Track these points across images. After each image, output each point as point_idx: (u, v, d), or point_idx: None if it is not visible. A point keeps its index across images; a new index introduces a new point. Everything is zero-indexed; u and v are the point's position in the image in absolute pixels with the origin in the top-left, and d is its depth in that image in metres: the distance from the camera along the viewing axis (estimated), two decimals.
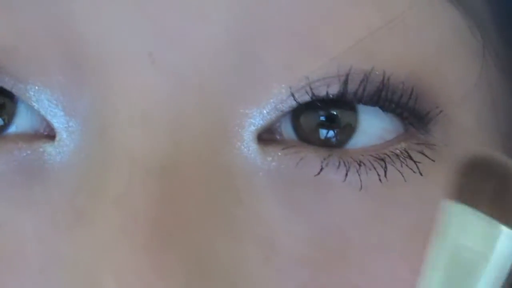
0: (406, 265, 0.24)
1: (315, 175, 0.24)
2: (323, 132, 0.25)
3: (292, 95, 0.24)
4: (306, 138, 0.25)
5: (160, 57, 0.23)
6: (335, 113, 0.25)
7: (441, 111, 0.25)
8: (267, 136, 0.24)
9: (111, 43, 0.23)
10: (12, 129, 0.25)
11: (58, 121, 0.24)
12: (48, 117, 0.24)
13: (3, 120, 0.25)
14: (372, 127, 0.25)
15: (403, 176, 0.24)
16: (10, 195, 0.24)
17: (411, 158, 0.25)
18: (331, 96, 0.24)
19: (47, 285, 0.23)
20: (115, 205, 0.22)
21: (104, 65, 0.23)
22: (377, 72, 0.24)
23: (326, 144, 0.25)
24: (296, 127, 0.25)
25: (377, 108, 0.25)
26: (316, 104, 0.24)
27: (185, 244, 0.22)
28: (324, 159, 0.24)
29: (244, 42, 0.23)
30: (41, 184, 0.24)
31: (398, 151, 0.24)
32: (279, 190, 0.24)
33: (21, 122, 0.25)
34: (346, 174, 0.24)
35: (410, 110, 0.25)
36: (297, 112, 0.24)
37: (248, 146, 0.24)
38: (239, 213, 0.23)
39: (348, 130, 0.25)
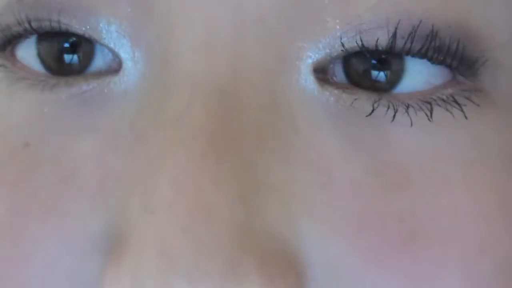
0: (466, 196, 0.25)
1: (366, 116, 0.25)
2: (374, 74, 0.26)
3: (342, 44, 0.25)
4: (357, 81, 0.26)
5: None
6: (385, 57, 0.26)
7: (488, 58, 0.26)
8: (321, 76, 0.25)
9: None
10: (89, 69, 0.27)
11: (124, 51, 0.26)
12: (116, 48, 0.26)
13: (79, 58, 0.27)
14: (420, 73, 0.26)
15: (453, 116, 0.25)
16: (73, 123, 0.26)
17: (457, 102, 0.26)
18: (380, 48, 0.25)
19: (104, 200, 0.25)
20: (175, 123, 0.24)
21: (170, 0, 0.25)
22: (425, 25, 0.25)
23: (375, 86, 0.26)
24: (347, 71, 0.26)
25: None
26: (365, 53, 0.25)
27: (241, 159, 0.24)
28: (375, 101, 0.25)
29: None
30: (104, 111, 0.26)
31: (444, 97, 0.25)
32: (336, 123, 0.25)
33: (97, 63, 0.27)
34: (394, 116, 0.25)
35: (458, 60, 0.26)
36: (348, 56, 0.26)
37: (306, 78, 0.25)
38: (295, 140, 0.24)
39: (396, 75, 0.26)
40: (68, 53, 0.27)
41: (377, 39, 0.25)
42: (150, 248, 0.23)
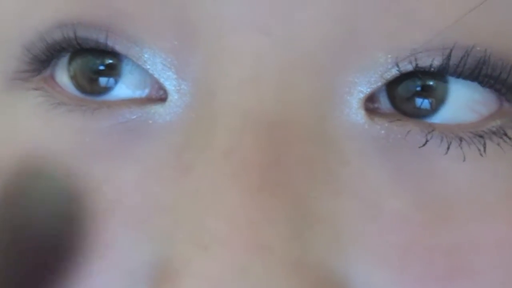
0: (510, 228, 0.25)
1: (420, 147, 0.25)
2: (417, 100, 0.26)
3: (397, 64, 0.25)
4: (401, 106, 0.26)
5: (273, 27, 0.24)
6: (431, 83, 0.26)
7: None
8: (369, 105, 0.25)
9: (226, 12, 0.24)
10: (120, 91, 0.27)
11: (170, 83, 0.25)
12: (161, 80, 0.26)
13: (113, 80, 0.26)
14: (464, 98, 0.26)
15: (501, 149, 0.26)
16: (116, 153, 0.26)
17: (506, 135, 0.26)
18: (432, 69, 0.25)
19: (149, 233, 0.24)
20: (225, 157, 0.24)
21: (218, 31, 0.24)
22: (478, 48, 0.25)
23: (419, 112, 0.26)
24: (392, 97, 0.26)
25: (469, 81, 0.26)
26: (416, 74, 0.25)
27: (291, 194, 0.24)
28: (428, 132, 0.25)
29: (350, 17, 0.24)
30: (148, 142, 0.26)
31: (494, 129, 0.26)
32: (386, 156, 0.25)
33: (128, 84, 0.26)
34: (448, 148, 0.25)
35: (508, 86, 0.26)
36: (392, 82, 0.26)
37: (356, 112, 0.25)
38: (345, 172, 0.25)
39: (440, 99, 0.26)
40: (101, 74, 0.27)
41: (432, 58, 0.25)
42: (206, 286, 0.23)
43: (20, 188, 0.26)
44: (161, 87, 0.26)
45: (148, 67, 0.26)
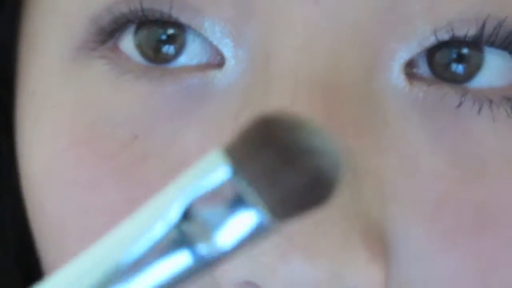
0: None
1: (455, 107, 0.27)
2: (454, 67, 0.28)
3: (435, 33, 0.27)
4: (439, 73, 0.28)
5: None
6: (466, 51, 0.28)
7: None
8: (408, 70, 0.28)
9: None
10: (182, 59, 0.29)
11: (228, 50, 0.28)
12: (220, 47, 0.28)
13: (175, 48, 0.29)
14: (497, 67, 0.28)
15: None
16: (179, 116, 0.28)
17: None
18: (467, 38, 0.27)
19: None
20: None
21: (272, 3, 0.27)
22: (509, 20, 0.27)
23: (456, 77, 0.28)
24: (431, 63, 0.28)
25: (501, 50, 0.28)
26: (453, 43, 0.28)
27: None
28: (463, 95, 0.27)
29: None
30: (208, 105, 0.28)
31: None
32: (424, 116, 0.27)
33: (189, 52, 0.29)
34: (480, 109, 0.27)
35: None
36: (431, 50, 0.28)
37: (398, 76, 0.27)
38: (387, 131, 0.27)
39: (475, 68, 0.28)
40: (165, 43, 0.29)
41: (467, 29, 0.27)
42: None
43: None
44: (220, 54, 0.28)
45: (208, 35, 0.28)
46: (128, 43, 0.29)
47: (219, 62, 0.28)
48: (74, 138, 0.29)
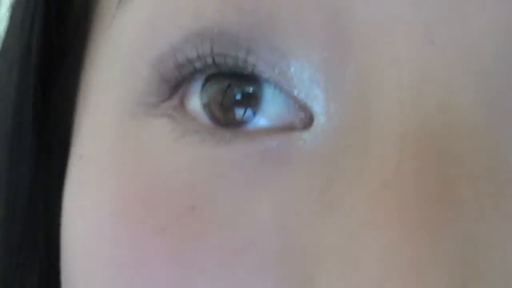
0: None
1: None
2: None
3: None
4: None
5: (439, 36, 0.21)
6: None
7: None
8: None
9: (383, 17, 0.22)
10: (258, 120, 0.24)
11: (317, 104, 0.23)
12: (308, 101, 0.23)
13: (250, 110, 0.24)
14: None
15: None
16: (249, 184, 0.23)
17: None
18: None
19: (284, 276, 0.22)
20: (380, 189, 0.21)
21: (374, 42, 0.22)
22: None
23: None
24: None
25: None
26: None
27: (462, 233, 0.20)
28: None
29: None
30: (288, 172, 0.23)
31: None
32: None
33: (267, 112, 0.24)
34: None
35: None
36: None
37: None
38: None
39: None
40: (238, 104, 0.24)
41: None
42: None
43: None
44: (307, 111, 0.23)
45: (294, 84, 0.23)
46: (195, 101, 0.24)
47: (305, 123, 0.23)
48: (120, 208, 0.24)
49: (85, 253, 0.25)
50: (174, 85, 0.24)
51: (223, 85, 0.24)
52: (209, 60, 0.23)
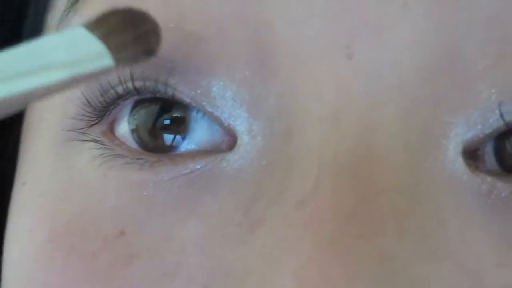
0: None
1: None
2: None
3: (501, 115, 0.21)
4: (508, 163, 0.22)
5: (357, 52, 0.21)
6: None
7: None
8: (470, 162, 0.22)
9: (303, 33, 0.21)
10: (185, 144, 0.24)
11: (241, 124, 0.22)
12: (231, 120, 0.23)
13: (177, 134, 0.24)
14: None
15: None
16: (176, 208, 0.23)
17: None
18: None
19: None
20: (298, 206, 0.20)
21: (294, 59, 0.22)
22: None
23: None
24: (500, 155, 0.22)
25: None
26: None
27: (377, 249, 0.20)
28: None
29: (451, 38, 0.21)
30: (213, 194, 0.22)
31: None
32: (488, 217, 0.21)
33: (193, 136, 0.24)
34: None
35: None
36: (501, 137, 0.22)
37: (453, 160, 0.21)
38: (440, 233, 0.21)
39: None
40: (164, 129, 0.24)
41: None
42: None
43: None
44: (230, 133, 0.23)
45: (217, 104, 0.23)
46: (124, 126, 0.24)
47: (230, 144, 0.23)
48: (52, 234, 0.24)
49: (20, 279, 0.25)
50: (100, 110, 0.24)
51: (150, 111, 0.24)
52: (130, 85, 0.23)
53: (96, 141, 0.24)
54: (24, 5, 0.30)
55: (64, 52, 0.19)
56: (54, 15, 0.27)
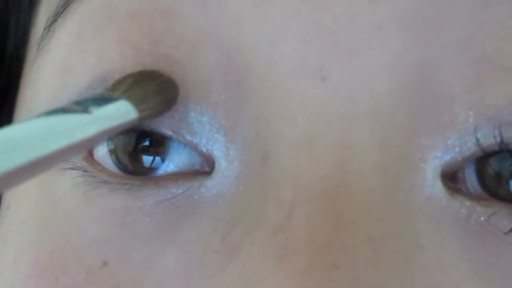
0: None
1: (504, 233, 0.21)
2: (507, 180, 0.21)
3: (477, 140, 0.21)
4: (494, 190, 0.21)
5: (331, 75, 0.21)
6: None
7: None
8: (450, 185, 0.21)
9: (276, 56, 0.21)
10: (165, 166, 0.23)
11: (218, 149, 0.22)
12: (209, 145, 0.22)
13: (157, 156, 0.23)
14: None
15: None
16: (159, 234, 0.23)
17: None
18: None
19: None
20: (273, 235, 0.20)
21: (268, 82, 0.21)
22: None
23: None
24: (482, 177, 0.22)
25: None
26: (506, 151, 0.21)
27: (353, 279, 0.20)
28: None
29: (426, 60, 0.21)
30: (192, 221, 0.22)
31: None
32: (468, 241, 0.21)
33: (173, 158, 0.23)
34: None
35: None
36: (484, 158, 0.21)
37: (432, 184, 0.21)
38: (418, 259, 0.20)
39: None
40: (143, 150, 0.24)
41: None
42: None
43: None
44: (209, 157, 0.23)
45: (195, 129, 0.22)
46: (103, 150, 0.24)
47: (208, 168, 0.23)
48: (36, 266, 0.24)
49: None
50: None
51: (129, 133, 0.24)
52: None
53: (78, 168, 0.24)
54: (4, 23, 0.30)
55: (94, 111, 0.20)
56: (35, 33, 0.27)
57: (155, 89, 0.22)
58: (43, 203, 0.25)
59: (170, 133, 0.23)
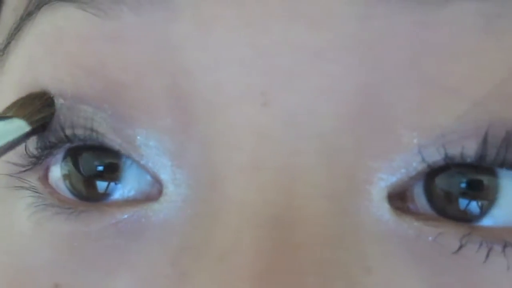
0: None
1: (453, 253, 0.21)
2: (462, 203, 0.21)
3: (419, 149, 0.21)
4: (443, 208, 0.21)
5: (273, 98, 0.21)
6: (477, 178, 0.21)
7: None
8: (398, 204, 0.21)
9: (220, 80, 0.21)
10: (121, 191, 0.23)
11: (165, 173, 0.22)
12: (156, 170, 0.22)
13: (111, 181, 0.23)
14: None
15: None
16: (108, 260, 0.22)
17: None
18: (468, 160, 0.20)
19: None
20: (220, 263, 0.20)
21: (213, 106, 0.21)
22: None
23: (465, 216, 0.21)
24: (430, 194, 0.21)
25: None
26: (451, 167, 0.21)
27: None
28: (464, 236, 0.21)
29: (368, 83, 0.21)
30: (140, 245, 0.22)
31: None
32: (416, 262, 0.21)
33: (126, 183, 0.23)
34: (487, 255, 0.21)
35: None
36: (431, 176, 0.21)
37: (379, 206, 0.21)
38: (367, 282, 0.20)
39: (489, 199, 0.21)
40: (97, 176, 0.24)
41: (462, 146, 0.20)
42: None
43: None
44: (157, 180, 0.22)
45: (142, 153, 0.22)
46: (57, 173, 0.24)
47: (157, 193, 0.23)
48: None
49: None
50: (33, 156, 0.24)
51: (83, 157, 0.24)
52: (61, 134, 0.23)
53: (32, 188, 0.24)
54: None
55: None
56: None
57: (43, 103, 0.23)
58: (2, 221, 0.25)
59: (121, 151, 0.23)
